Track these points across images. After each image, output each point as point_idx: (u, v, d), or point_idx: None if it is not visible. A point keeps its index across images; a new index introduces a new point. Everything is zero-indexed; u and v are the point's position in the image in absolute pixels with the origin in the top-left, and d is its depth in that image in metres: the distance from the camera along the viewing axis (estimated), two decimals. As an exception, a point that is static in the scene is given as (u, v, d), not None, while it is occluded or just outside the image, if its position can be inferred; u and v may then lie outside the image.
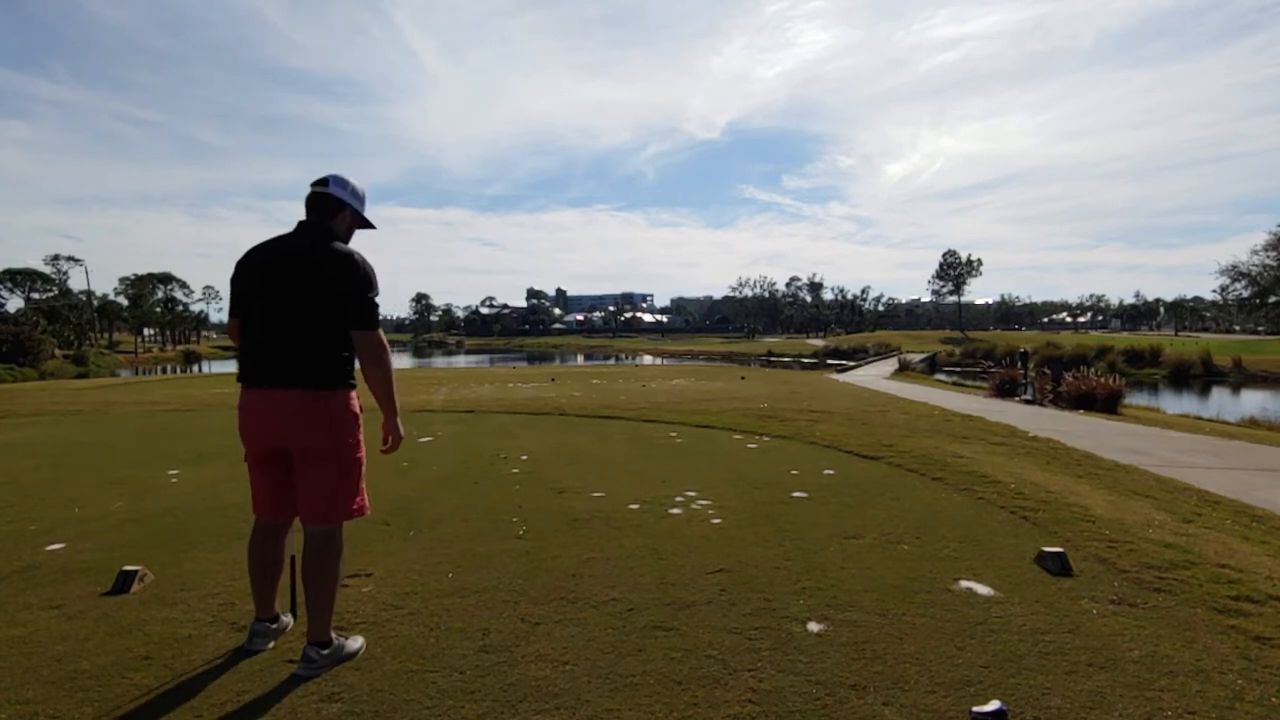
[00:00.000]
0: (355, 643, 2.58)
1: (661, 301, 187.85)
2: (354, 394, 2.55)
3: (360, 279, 2.45)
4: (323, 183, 2.57)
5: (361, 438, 2.58)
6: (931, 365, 41.51)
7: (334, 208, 2.57)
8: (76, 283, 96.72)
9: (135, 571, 3.20)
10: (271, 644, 2.61)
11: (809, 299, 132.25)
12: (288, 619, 2.74)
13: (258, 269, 2.51)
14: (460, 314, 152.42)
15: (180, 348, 78.64)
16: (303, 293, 2.43)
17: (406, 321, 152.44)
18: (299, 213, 2.59)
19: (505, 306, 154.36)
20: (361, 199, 2.67)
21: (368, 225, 2.72)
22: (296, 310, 2.43)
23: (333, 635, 2.50)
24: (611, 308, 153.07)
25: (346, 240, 2.61)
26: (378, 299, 2.50)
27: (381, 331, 2.51)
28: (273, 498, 2.59)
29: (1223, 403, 25.48)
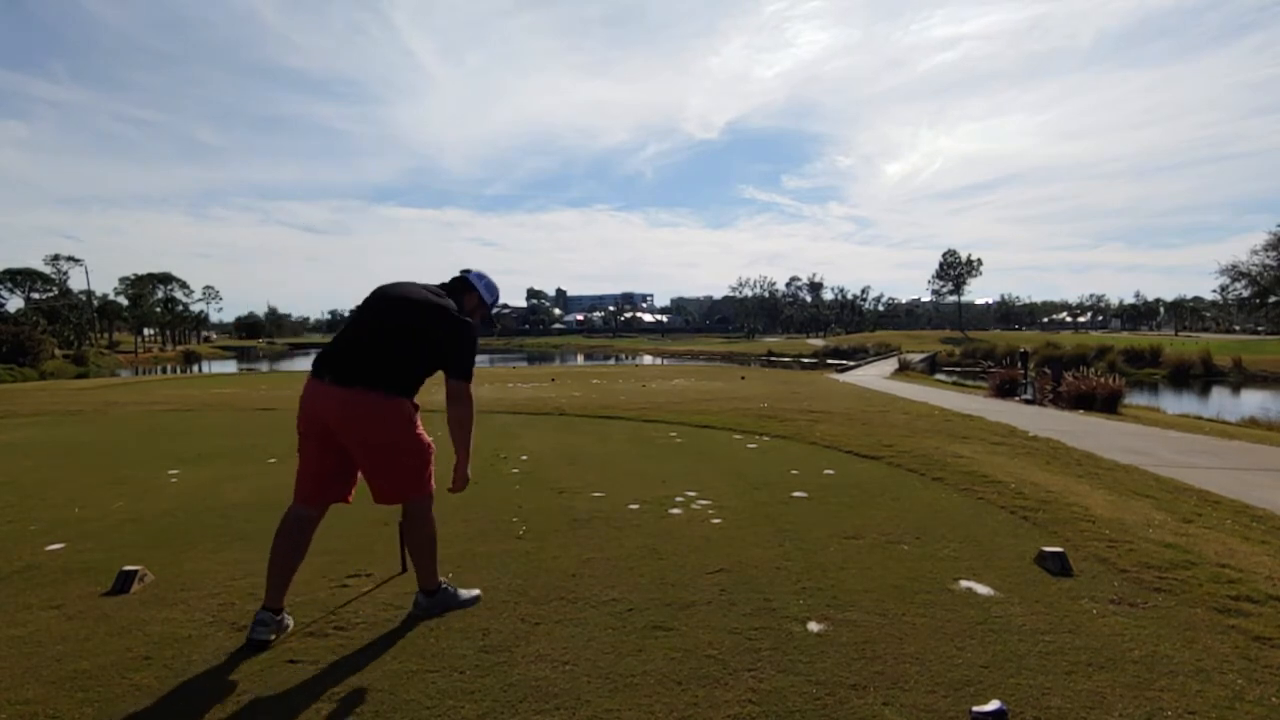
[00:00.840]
0: (468, 593, 2.97)
1: (661, 301, 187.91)
2: (406, 402, 2.77)
3: (468, 342, 2.83)
4: (466, 270, 3.10)
5: (418, 433, 2.80)
6: (931, 365, 41.49)
7: (466, 287, 3.04)
8: (76, 283, 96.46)
9: (135, 571, 3.20)
10: (273, 636, 2.63)
11: (809, 299, 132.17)
12: (289, 620, 2.75)
13: (383, 296, 2.87)
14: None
15: (180, 348, 78.69)
16: (406, 327, 2.75)
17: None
18: (299, 213, 2.76)
19: (505, 306, 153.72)
20: (493, 293, 3.11)
21: (490, 324, 3.17)
22: (391, 337, 2.74)
23: (441, 584, 2.89)
24: (611, 308, 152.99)
25: (466, 310, 2.97)
26: (474, 362, 2.86)
27: (471, 386, 2.82)
28: (308, 484, 2.80)
29: (1223, 403, 25.46)
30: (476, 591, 3.03)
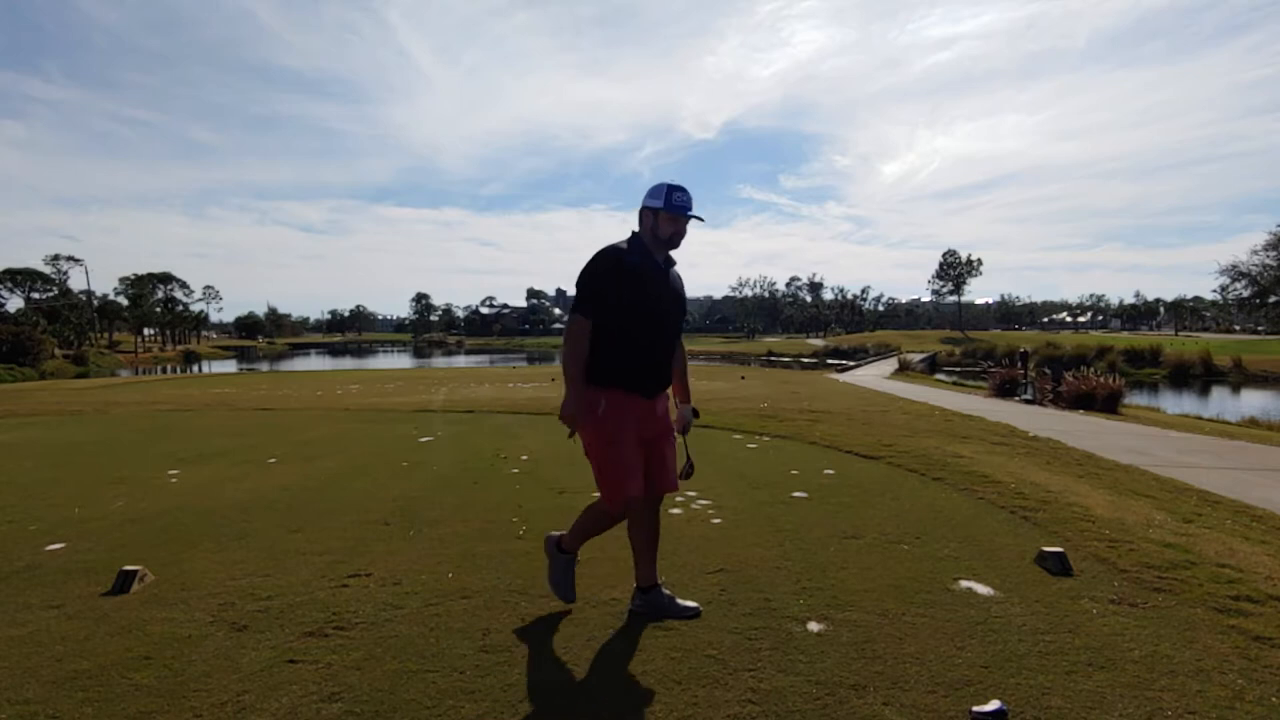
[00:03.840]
0: (686, 604, 2.85)
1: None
2: (589, 391, 2.73)
3: (582, 276, 2.75)
4: None
5: (602, 431, 2.74)
6: (931, 365, 41.50)
7: (641, 217, 2.87)
8: (76, 283, 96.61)
9: (135, 571, 3.20)
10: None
11: (809, 299, 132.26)
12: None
13: None
14: (460, 314, 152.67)
15: (180, 348, 78.71)
16: None
17: (407, 321, 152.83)
18: (297, 213, 2.79)
19: (505, 306, 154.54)
20: (657, 196, 2.80)
21: (663, 212, 2.79)
22: None
23: (658, 584, 2.87)
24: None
25: (654, 237, 2.83)
26: (584, 288, 2.73)
27: (576, 317, 2.72)
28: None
29: (1223, 403, 25.46)
30: (695, 605, 2.87)
